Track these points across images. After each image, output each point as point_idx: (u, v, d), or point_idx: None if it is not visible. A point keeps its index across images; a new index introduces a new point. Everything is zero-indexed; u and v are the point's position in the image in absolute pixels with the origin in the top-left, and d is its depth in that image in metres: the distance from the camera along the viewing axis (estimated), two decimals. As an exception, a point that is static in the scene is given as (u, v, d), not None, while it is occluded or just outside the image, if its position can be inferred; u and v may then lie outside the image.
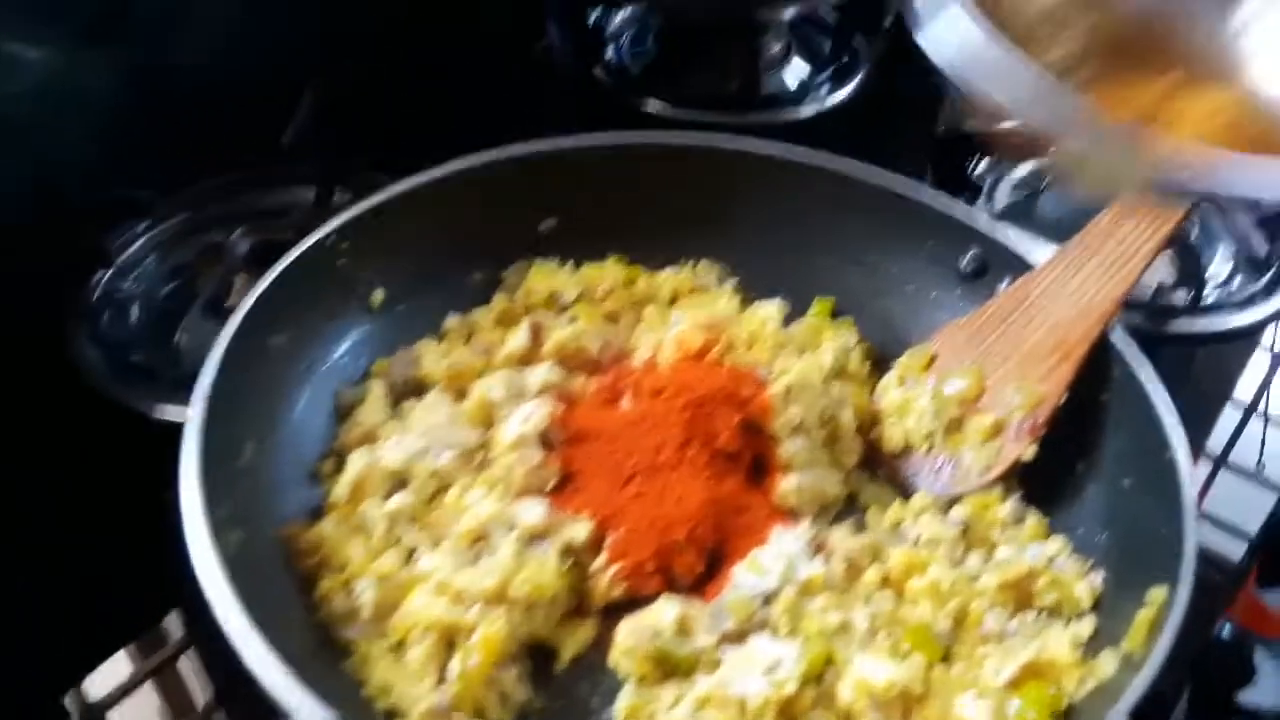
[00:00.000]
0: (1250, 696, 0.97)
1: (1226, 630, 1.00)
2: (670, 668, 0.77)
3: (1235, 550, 1.07)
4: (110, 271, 1.17)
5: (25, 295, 1.09)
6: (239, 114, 1.26)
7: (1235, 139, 0.53)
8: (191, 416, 0.78)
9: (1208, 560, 1.05)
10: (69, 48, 1.16)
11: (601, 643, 0.81)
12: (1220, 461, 1.17)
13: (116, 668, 0.90)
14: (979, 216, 1.06)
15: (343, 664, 0.77)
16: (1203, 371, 1.27)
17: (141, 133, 1.24)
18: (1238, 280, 1.32)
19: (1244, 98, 0.54)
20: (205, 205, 1.25)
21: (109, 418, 1.02)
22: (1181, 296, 1.23)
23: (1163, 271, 1.28)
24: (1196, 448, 1.16)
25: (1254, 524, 1.09)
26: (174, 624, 0.93)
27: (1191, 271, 1.25)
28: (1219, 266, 1.34)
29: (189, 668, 0.90)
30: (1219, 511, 1.10)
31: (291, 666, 0.66)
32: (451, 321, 1.02)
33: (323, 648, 0.77)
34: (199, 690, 0.89)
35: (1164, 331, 1.22)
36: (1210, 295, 1.28)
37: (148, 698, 0.88)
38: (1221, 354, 1.28)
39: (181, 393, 0.97)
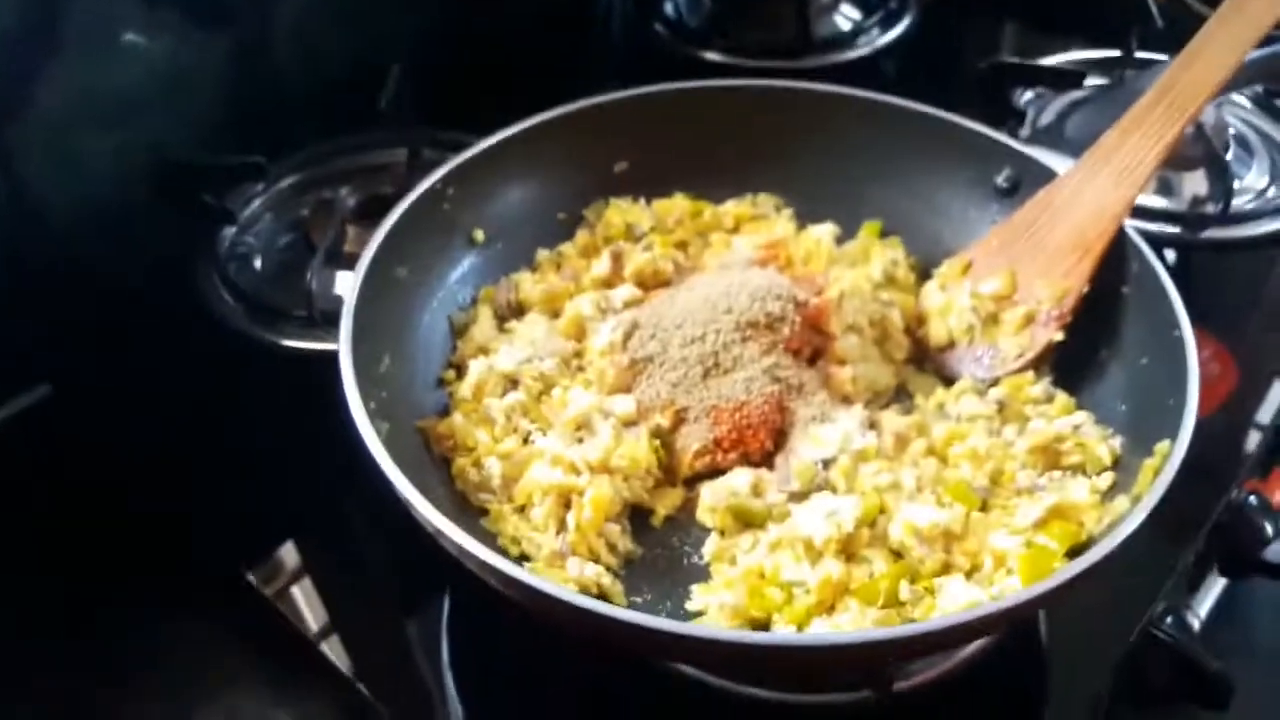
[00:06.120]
0: (1276, 553, 1.14)
1: (1253, 499, 1.17)
2: (747, 520, 0.98)
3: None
4: (234, 229, 1.40)
5: (165, 254, 1.34)
6: (337, 86, 1.49)
7: None
8: (343, 331, 0.99)
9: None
10: (182, 35, 1.39)
11: (688, 505, 1.03)
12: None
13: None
14: (1012, 139, 1.24)
15: (480, 522, 0.99)
16: (1234, 280, 1.43)
17: (251, 106, 1.47)
18: (1272, 191, 1.49)
19: None
20: (312, 167, 1.49)
21: (242, 355, 1.25)
22: (1213, 207, 1.40)
23: (1197, 185, 1.45)
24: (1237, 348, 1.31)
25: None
26: (289, 554, 1.11)
27: (1221, 184, 1.41)
28: (1255, 179, 1.51)
29: (302, 596, 1.08)
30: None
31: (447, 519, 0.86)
32: (542, 255, 1.24)
33: (463, 511, 0.99)
34: (311, 618, 1.05)
35: (1198, 239, 1.40)
36: (1247, 204, 1.45)
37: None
38: (1255, 262, 1.44)
39: (311, 329, 1.22)
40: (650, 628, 0.77)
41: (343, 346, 0.97)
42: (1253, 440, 1.22)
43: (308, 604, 1.07)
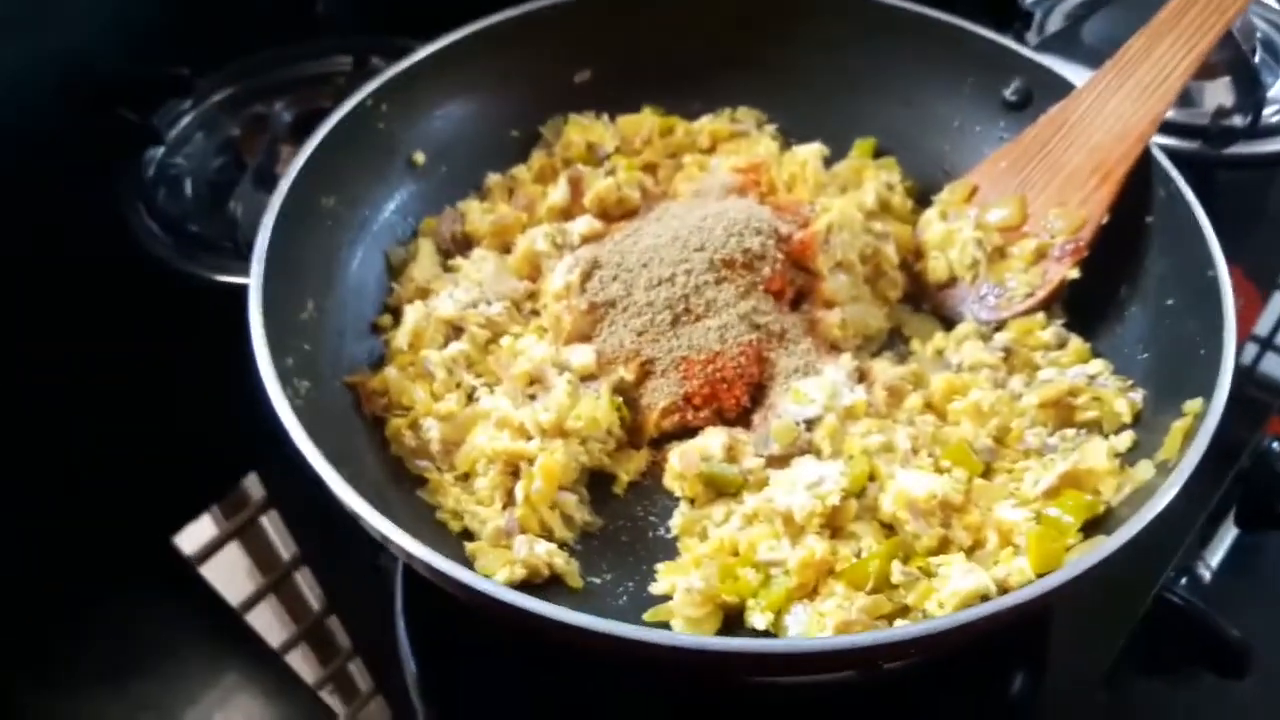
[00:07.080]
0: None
1: (1276, 445, 1.05)
2: (720, 488, 0.86)
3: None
4: (162, 150, 1.25)
5: (84, 179, 1.19)
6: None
7: None
8: (253, 274, 0.85)
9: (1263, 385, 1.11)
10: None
11: (654, 470, 0.91)
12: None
13: (203, 528, 0.98)
14: (1021, 45, 1.09)
15: (417, 492, 0.87)
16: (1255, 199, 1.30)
17: (178, 10, 1.30)
18: (1302, 103, 1.34)
19: None
20: (246, 79, 1.32)
21: (173, 288, 1.11)
22: (1240, 120, 1.25)
23: (1221, 94, 1.30)
24: (1260, 275, 1.18)
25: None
26: (254, 485, 1.02)
27: (1250, 94, 1.26)
28: (1282, 89, 1.36)
29: (272, 526, 0.99)
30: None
31: (370, 495, 0.73)
32: (492, 179, 1.09)
33: (397, 480, 0.87)
34: (282, 547, 0.98)
35: (1223, 155, 1.25)
36: (1274, 116, 1.30)
37: (234, 555, 0.97)
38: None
39: (241, 261, 1.07)
40: (600, 632, 0.65)
41: (252, 293, 0.84)
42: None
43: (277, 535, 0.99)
